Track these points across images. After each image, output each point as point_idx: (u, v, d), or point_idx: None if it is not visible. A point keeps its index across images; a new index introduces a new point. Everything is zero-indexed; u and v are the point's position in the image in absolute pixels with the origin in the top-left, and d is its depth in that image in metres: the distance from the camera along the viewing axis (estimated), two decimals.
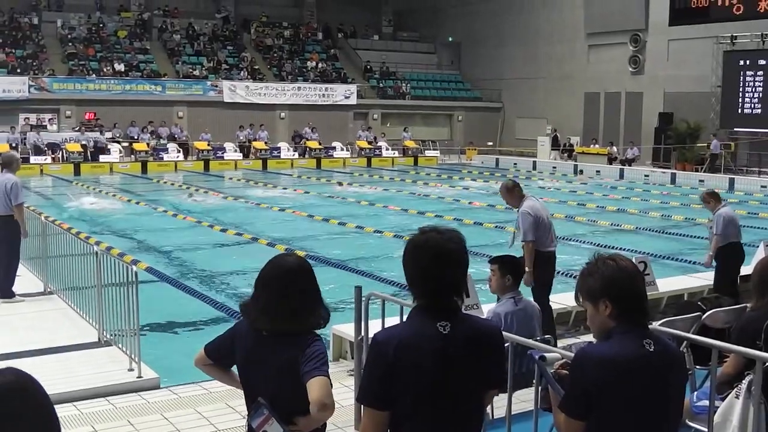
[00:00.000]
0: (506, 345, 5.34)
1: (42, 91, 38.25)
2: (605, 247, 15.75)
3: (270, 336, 3.53)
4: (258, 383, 3.54)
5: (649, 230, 19.74)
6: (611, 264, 3.18)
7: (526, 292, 7.53)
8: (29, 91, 37.73)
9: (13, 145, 33.31)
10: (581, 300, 3.28)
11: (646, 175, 35.03)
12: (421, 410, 3.06)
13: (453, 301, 3.15)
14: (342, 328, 8.44)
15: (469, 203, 24.96)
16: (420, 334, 3.08)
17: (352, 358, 7.64)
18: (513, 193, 9.01)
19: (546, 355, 4.23)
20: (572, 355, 4.48)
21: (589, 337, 7.48)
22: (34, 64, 40.02)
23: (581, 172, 36.62)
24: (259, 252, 15.55)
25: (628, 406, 3.08)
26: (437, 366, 3.04)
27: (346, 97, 45.39)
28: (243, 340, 3.62)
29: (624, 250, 15.12)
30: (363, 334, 6.40)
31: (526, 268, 8.47)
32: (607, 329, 3.17)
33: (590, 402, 3.07)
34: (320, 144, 40.46)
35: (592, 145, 40.99)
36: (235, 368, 3.82)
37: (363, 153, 41.17)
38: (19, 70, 38.92)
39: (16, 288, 11.00)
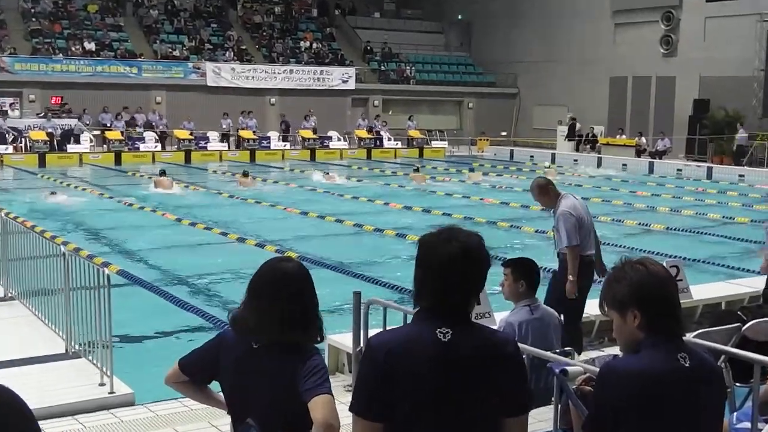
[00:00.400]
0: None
1: (2, 72, 38.18)
2: (633, 249, 15.77)
3: (262, 348, 3.52)
4: (247, 401, 3.53)
5: (682, 231, 19.71)
6: (640, 269, 3.17)
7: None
8: None
9: None
10: (606, 309, 3.26)
11: (678, 170, 35.00)
12: (417, 426, 3.04)
13: (458, 308, 3.12)
14: (339, 338, 8.43)
15: (481, 200, 24.97)
16: (416, 339, 3.06)
17: (350, 371, 7.63)
18: (547, 192, 8.79)
19: (568, 368, 4.21)
20: (596, 369, 4.46)
21: (615, 350, 7.48)
22: None
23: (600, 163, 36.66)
24: (247, 253, 15.57)
25: (659, 427, 3.07)
26: (434, 377, 3.01)
27: (344, 81, 45.38)
28: (230, 352, 3.61)
29: (653, 252, 15.12)
30: (362, 344, 6.39)
31: (570, 277, 8.34)
32: (637, 341, 3.15)
33: (617, 422, 3.05)
34: (315, 133, 40.45)
35: (618, 136, 40.96)
36: (212, 385, 3.82)
37: (362, 144, 41.19)
38: None
39: None
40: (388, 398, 3.02)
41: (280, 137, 40.50)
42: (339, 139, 41.36)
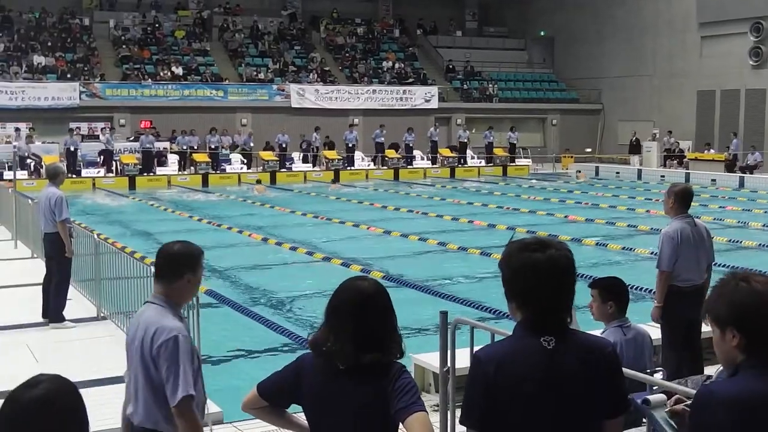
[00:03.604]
0: None
1: (94, 98, 39.20)
2: (722, 266, 15.38)
3: (347, 370, 3.49)
4: (335, 424, 3.51)
5: None
6: (743, 287, 3.01)
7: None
8: (80, 98, 38.70)
9: (72, 149, 34.11)
10: (709, 322, 3.15)
11: None
12: None
13: (556, 316, 3.23)
14: (425, 357, 8.38)
15: (565, 217, 24.69)
16: (524, 349, 3.18)
17: (437, 391, 7.58)
18: (669, 201, 8.23)
19: (649, 398, 4.11)
20: (684, 389, 4.34)
21: (709, 370, 7.28)
22: (86, 68, 41.08)
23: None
24: (333, 272, 15.60)
25: None
26: (544, 384, 3.12)
27: (427, 101, 45.45)
28: (312, 376, 3.58)
29: (743, 270, 14.72)
30: (449, 364, 6.34)
31: (655, 302, 8.14)
32: (734, 360, 3.02)
33: None
34: (398, 153, 40.50)
35: (705, 151, 40.19)
36: (291, 409, 3.80)
37: (446, 162, 41.11)
38: (69, 76, 39.98)
39: (67, 312, 11.23)
40: (501, 407, 3.13)
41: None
42: (422, 158, 41.37)
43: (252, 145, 39.03)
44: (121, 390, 8.36)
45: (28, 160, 33.94)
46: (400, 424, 3.41)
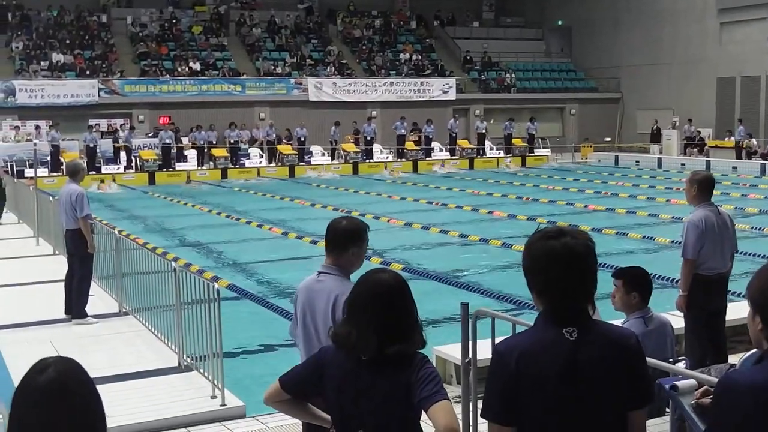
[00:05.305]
0: None
1: (113, 95, 39.31)
2: (744, 254, 15.30)
3: (370, 361, 3.51)
4: (358, 415, 3.52)
5: None
6: None
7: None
8: (99, 95, 38.82)
9: (91, 145, 34.31)
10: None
11: None
12: (549, 427, 3.11)
13: (578, 306, 3.18)
14: (446, 349, 8.38)
15: (585, 207, 24.61)
16: (544, 340, 3.13)
17: (458, 382, 7.57)
18: (691, 189, 8.14)
19: (678, 383, 4.06)
20: (712, 379, 4.30)
21: (733, 358, 7.25)
22: (104, 65, 41.21)
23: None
24: None
25: None
26: (565, 376, 3.07)
27: (444, 92, 45.35)
28: (335, 368, 3.59)
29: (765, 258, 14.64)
30: (471, 355, 6.33)
31: (680, 291, 8.10)
32: (759, 344, 2.92)
33: None
34: (417, 145, 40.45)
35: (726, 138, 39.93)
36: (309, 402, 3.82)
37: (464, 154, 41.03)
38: (88, 73, 40.12)
39: (89, 308, 11.29)
40: (522, 400, 3.10)
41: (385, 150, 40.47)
42: (441, 150, 41.30)
43: (274, 136, 38.96)
44: (144, 384, 8.42)
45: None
46: (424, 413, 3.42)
